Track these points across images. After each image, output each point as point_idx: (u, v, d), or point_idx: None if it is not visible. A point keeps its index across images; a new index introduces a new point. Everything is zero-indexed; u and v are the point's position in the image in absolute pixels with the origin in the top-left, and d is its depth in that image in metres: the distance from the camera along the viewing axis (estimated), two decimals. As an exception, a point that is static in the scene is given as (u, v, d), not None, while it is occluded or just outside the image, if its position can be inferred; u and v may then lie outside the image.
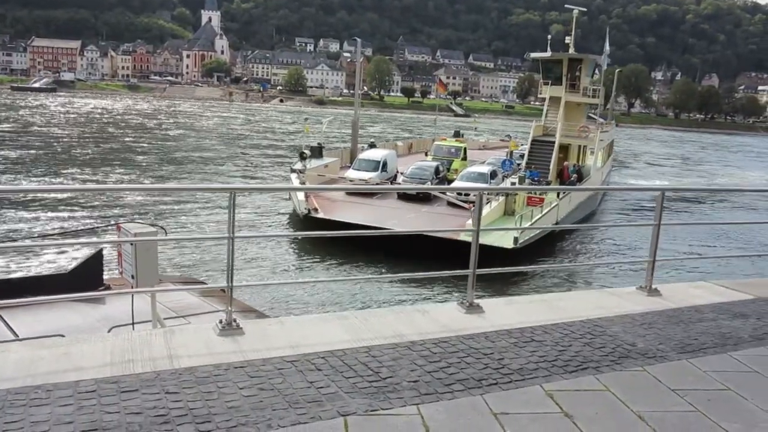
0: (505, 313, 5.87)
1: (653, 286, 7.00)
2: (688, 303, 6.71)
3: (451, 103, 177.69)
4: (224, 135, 73.13)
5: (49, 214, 25.96)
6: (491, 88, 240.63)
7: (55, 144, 52.99)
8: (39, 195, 28.31)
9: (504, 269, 6.65)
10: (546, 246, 24.15)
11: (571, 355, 4.91)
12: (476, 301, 5.90)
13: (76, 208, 27.26)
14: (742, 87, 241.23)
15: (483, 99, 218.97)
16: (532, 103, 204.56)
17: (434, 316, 5.60)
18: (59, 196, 28.48)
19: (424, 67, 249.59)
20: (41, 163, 41.04)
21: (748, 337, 5.72)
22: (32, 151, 46.52)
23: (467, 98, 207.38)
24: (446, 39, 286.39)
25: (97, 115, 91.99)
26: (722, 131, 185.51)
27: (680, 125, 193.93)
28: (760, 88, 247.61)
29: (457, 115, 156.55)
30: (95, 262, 8.70)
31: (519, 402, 4.05)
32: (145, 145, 56.88)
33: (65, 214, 26.04)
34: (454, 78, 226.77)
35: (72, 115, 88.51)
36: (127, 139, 61.45)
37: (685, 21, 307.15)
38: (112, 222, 21.59)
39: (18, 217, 25.10)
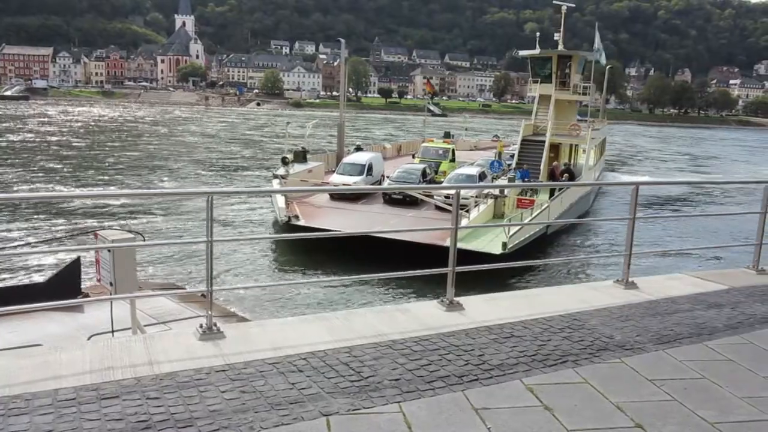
0: (484, 309, 5.90)
1: (630, 279, 7.09)
2: (664, 295, 6.80)
3: (429, 103, 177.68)
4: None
5: (24, 222, 25.54)
6: (468, 87, 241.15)
7: (27, 153, 52.23)
8: (11, 203, 27.80)
9: (483, 266, 6.64)
10: (537, 251, 23.31)
11: (551, 349, 4.97)
12: (456, 299, 5.93)
13: (51, 216, 26.85)
14: (714, 81, 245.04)
15: (460, 98, 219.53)
16: (508, 101, 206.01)
17: (415, 315, 5.62)
18: (34, 204, 27.96)
19: (401, 67, 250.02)
20: (15, 171, 40.46)
21: (723, 327, 5.82)
22: (6, 160, 45.87)
23: (444, 98, 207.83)
24: (422, 39, 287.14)
25: (73, 123, 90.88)
26: (696, 125, 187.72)
27: (655, 120, 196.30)
28: (731, 81, 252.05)
29: (434, 115, 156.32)
30: (73, 271, 8.64)
31: (500, 397, 4.09)
32: (129, 151, 56.35)
33: (40, 223, 25.64)
34: (431, 78, 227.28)
35: (49, 125, 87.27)
36: (106, 146, 60.83)
37: (657, 17, 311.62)
38: (88, 229, 21.36)
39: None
